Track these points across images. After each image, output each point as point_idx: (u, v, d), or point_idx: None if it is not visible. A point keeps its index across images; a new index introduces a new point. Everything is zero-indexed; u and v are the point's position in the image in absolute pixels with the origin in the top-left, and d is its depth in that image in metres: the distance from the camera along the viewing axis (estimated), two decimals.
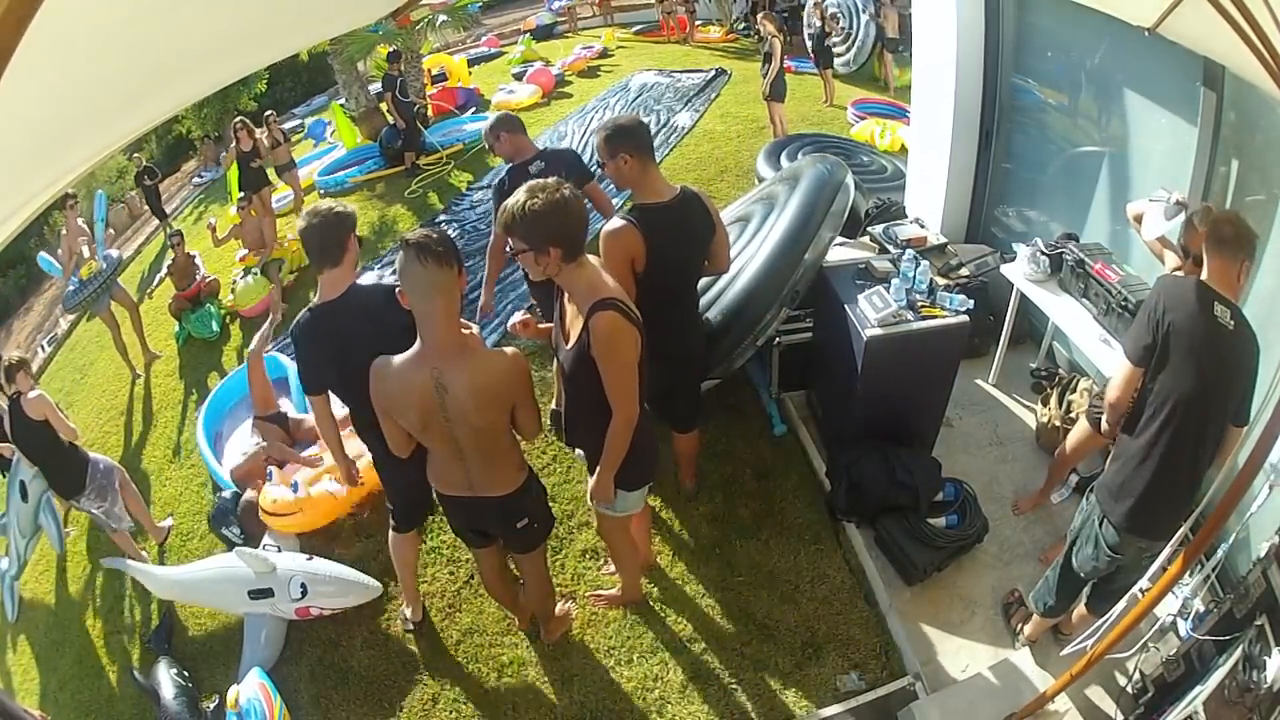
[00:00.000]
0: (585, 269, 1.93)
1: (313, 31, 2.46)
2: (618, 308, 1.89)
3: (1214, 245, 1.97)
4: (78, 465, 3.71)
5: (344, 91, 9.37)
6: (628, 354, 1.94)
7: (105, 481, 3.76)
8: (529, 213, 1.79)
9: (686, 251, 2.50)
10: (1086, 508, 2.25)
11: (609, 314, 1.87)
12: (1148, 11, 2.21)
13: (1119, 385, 2.17)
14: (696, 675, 2.75)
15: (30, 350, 8.70)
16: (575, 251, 1.89)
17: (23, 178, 1.36)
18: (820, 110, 8.39)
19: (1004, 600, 2.80)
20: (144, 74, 1.39)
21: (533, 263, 1.87)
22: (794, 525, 3.26)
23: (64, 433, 3.62)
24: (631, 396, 1.98)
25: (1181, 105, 2.90)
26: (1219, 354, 1.94)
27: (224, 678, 3.07)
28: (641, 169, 2.39)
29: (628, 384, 1.98)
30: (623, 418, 2.00)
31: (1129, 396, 2.16)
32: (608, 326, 1.88)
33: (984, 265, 3.86)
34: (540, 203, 1.79)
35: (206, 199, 10.61)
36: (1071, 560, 2.31)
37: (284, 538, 3.49)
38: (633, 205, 2.41)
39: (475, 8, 11.04)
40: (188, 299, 6.07)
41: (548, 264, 1.86)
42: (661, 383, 2.72)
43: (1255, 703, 1.69)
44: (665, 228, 2.37)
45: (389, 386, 1.94)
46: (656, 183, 2.43)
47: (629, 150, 2.35)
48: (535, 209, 1.79)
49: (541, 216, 1.79)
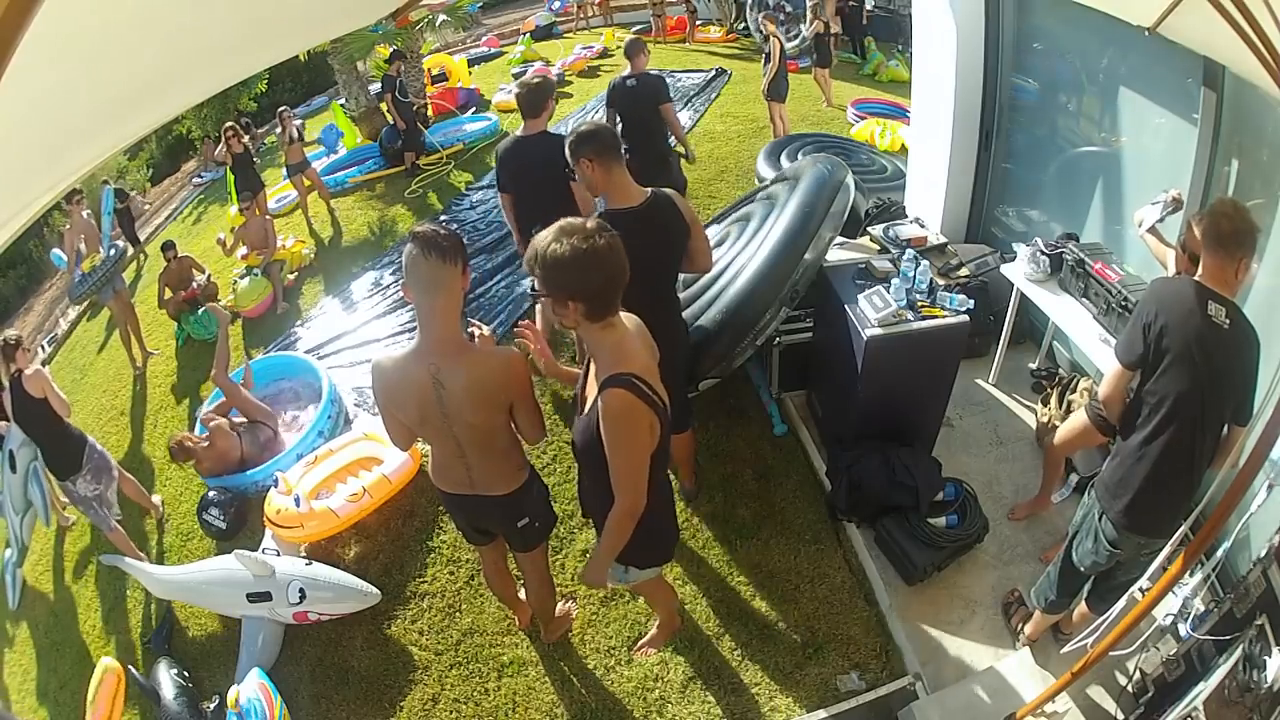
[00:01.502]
0: (612, 332, 1.70)
1: (313, 32, 2.46)
2: (634, 386, 1.65)
3: (1211, 241, 1.94)
4: (75, 445, 3.75)
5: (344, 91, 9.36)
6: (638, 439, 1.71)
7: (102, 463, 3.83)
8: (550, 258, 1.56)
9: (656, 256, 2.46)
10: (1087, 503, 2.26)
11: (621, 393, 1.64)
12: (1148, 11, 2.21)
13: (1109, 384, 2.21)
14: (696, 675, 2.75)
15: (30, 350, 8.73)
16: (602, 309, 1.65)
17: (24, 180, 1.36)
18: (820, 110, 8.38)
19: (1004, 600, 2.80)
20: (145, 76, 1.39)
21: (553, 312, 1.66)
22: (794, 525, 3.26)
23: (61, 410, 3.66)
24: (637, 485, 1.76)
25: (1181, 105, 2.90)
26: (1213, 353, 1.93)
27: (224, 678, 3.08)
28: (605, 173, 2.38)
29: (634, 471, 1.76)
30: (624, 506, 1.79)
31: (1120, 396, 2.19)
32: (618, 407, 1.66)
33: (984, 265, 3.86)
34: (566, 250, 1.54)
35: (206, 199, 10.59)
36: (1072, 555, 2.32)
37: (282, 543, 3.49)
38: (602, 210, 2.42)
39: (475, 8, 11.04)
40: (187, 300, 6.06)
41: (566, 316, 1.65)
42: None
43: (1255, 703, 1.69)
44: (627, 233, 2.34)
45: (389, 381, 1.94)
46: (624, 187, 2.42)
47: (589, 155, 2.36)
48: (558, 256, 1.55)
49: (565, 265, 1.56)
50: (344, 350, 5.21)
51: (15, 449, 3.98)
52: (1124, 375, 2.14)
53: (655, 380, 1.74)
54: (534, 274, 1.62)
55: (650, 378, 1.72)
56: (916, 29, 4.31)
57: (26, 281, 13.46)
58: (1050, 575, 2.45)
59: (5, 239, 1.43)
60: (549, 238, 1.59)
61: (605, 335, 1.70)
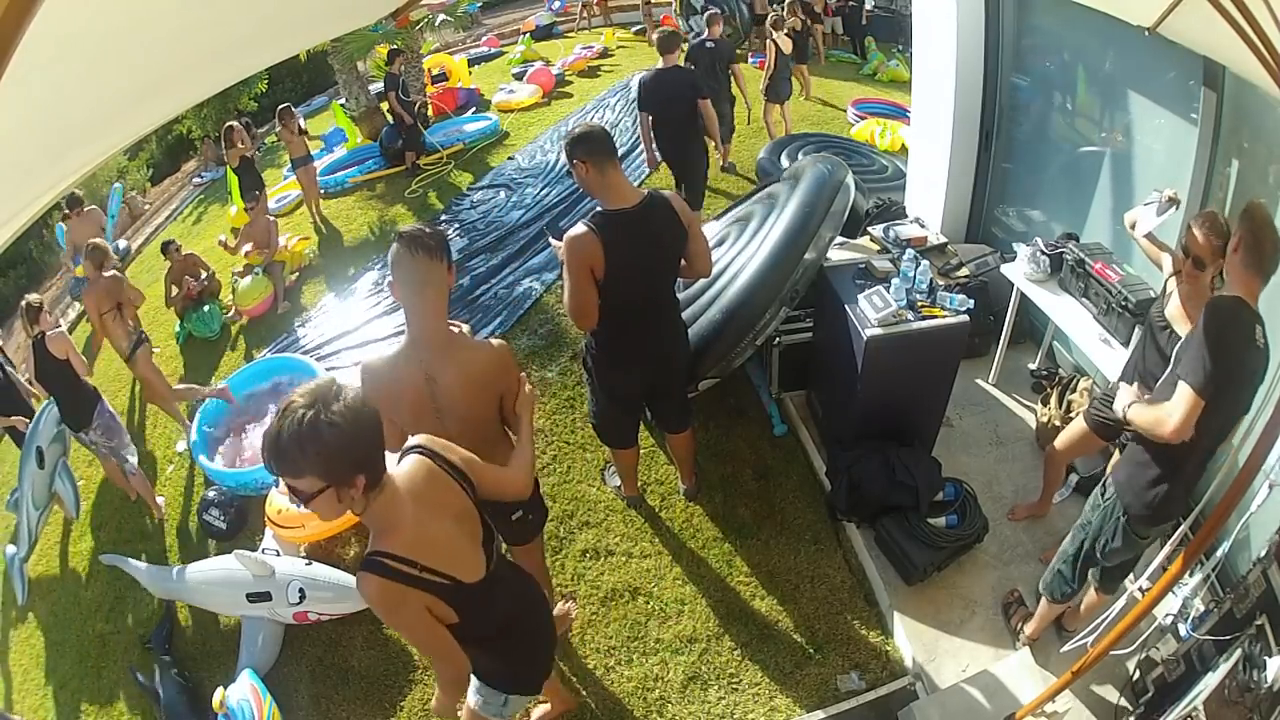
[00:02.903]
0: (379, 497, 1.40)
1: (313, 31, 2.46)
2: (387, 568, 1.38)
3: (1252, 262, 1.78)
4: (89, 401, 4.02)
5: (344, 91, 9.35)
6: (408, 620, 1.46)
7: (112, 423, 4.11)
8: (321, 443, 1.25)
9: (649, 258, 2.45)
10: (1105, 504, 2.19)
11: (370, 578, 1.38)
12: (1148, 11, 2.21)
13: (1186, 419, 1.81)
14: (696, 675, 2.75)
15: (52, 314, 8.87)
16: (379, 475, 1.39)
17: (24, 180, 1.36)
18: (820, 110, 8.39)
19: (1004, 600, 2.80)
20: (145, 76, 1.39)
21: (336, 503, 1.34)
22: (794, 525, 3.26)
23: (80, 369, 3.93)
24: (444, 657, 1.55)
25: (1181, 105, 2.90)
26: (1256, 376, 1.89)
27: (224, 678, 3.07)
28: (599, 174, 2.38)
29: (430, 648, 1.59)
30: (445, 678, 1.67)
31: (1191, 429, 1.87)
32: (369, 594, 1.40)
33: (984, 265, 3.86)
34: (334, 425, 1.25)
35: (207, 199, 10.58)
36: (1095, 554, 2.25)
37: (284, 542, 3.49)
38: (595, 212, 2.43)
39: (475, 8, 11.03)
40: (190, 298, 6.06)
41: (357, 499, 1.35)
42: (641, 386, 2.80)
43: (1255, 703, 1.70)
44: (624, 235, 2.36)
45: (381, 381, 1.94)
46: (619, 188, 2.40)
47: (582, 156, 2.36)
48: (326, 438, 1.25)
49: (341, 442, 1.27)
50: (344, 350, 5.21)
51: (45, 445, 4.05)
52: (1200, 407, 1.83)
53: (431, 548, 1.45)
54: (300, 475, 1.27)
55: (422, 549, 1.43)
56: (916, 29, 4.31)
57: (27, 281, 13.43)
58: (1064, 574, 2.38)
59: (6, 238, 1.43)
60: (292, 423, 1.24)
61: (374, 503, 1.40)
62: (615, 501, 3.50)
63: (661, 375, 2.80)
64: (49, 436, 4.09)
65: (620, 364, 2.70)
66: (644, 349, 2.66)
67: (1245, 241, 1.80)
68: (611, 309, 2.48)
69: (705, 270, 2.63)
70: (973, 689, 2.49)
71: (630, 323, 2.57)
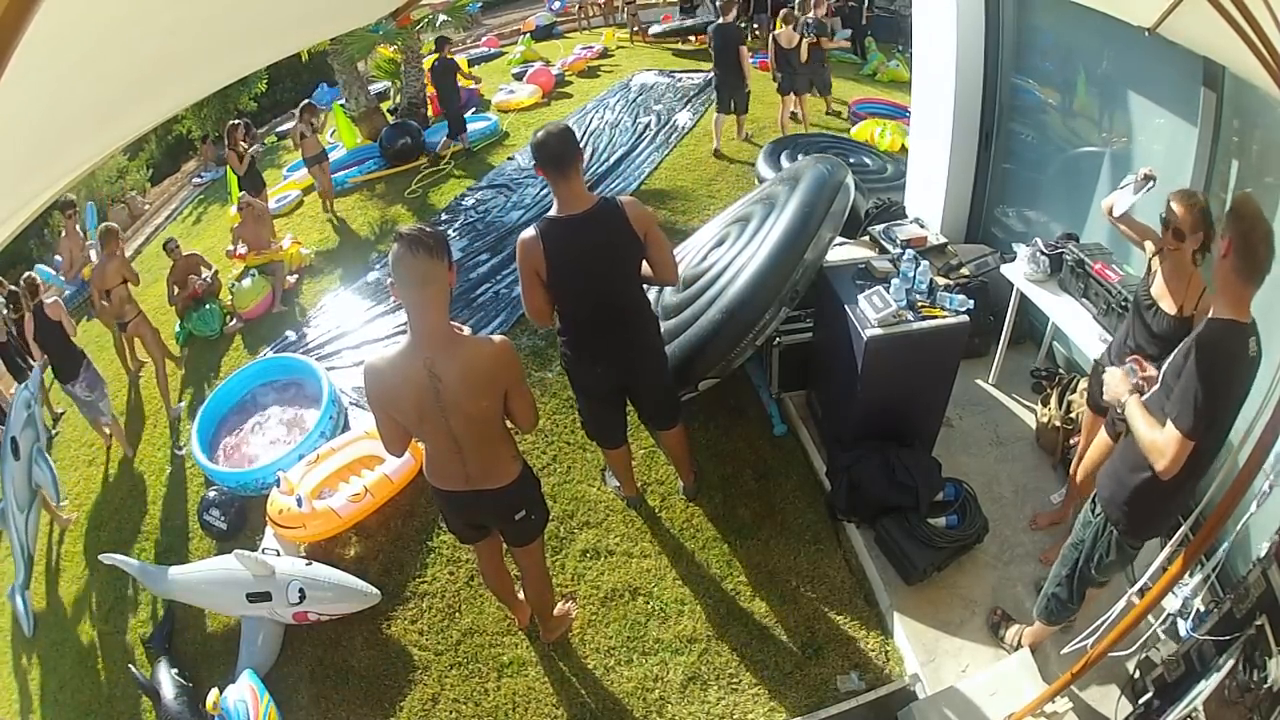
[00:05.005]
0: None
1: (313, 31, 2.47)
2: None
3: (1244, 266, 1.68)
4: (77, 359, 4.78)
5: (344, 91, 9.35)
6: None
7: (95, 379, 4.86)
8: None
9: (597, 261, 2.47)
10: (1094, 521, 2.17)
11: None
12: (1148, 11, 2.21)
13: (1175, 461, 1.75)
14: (696, 675, 2.75)
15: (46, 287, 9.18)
16: None
17: (23, 178, 1.36)
18: (820, 110, 8.39)
19: (989, 620, 2.73)
20: (144, 74, 1.39)
21: None
22: (794, 525, 3.26)
23: (70, 330, 4.73)
24: None
25: (1181, 105, 2.90)
26: (1248, 384, 1.85)
27: (224, 678, 3.07)
28: (554, 179, 2.41)
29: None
30: None
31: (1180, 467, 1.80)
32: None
33: (984, 265, 3.86)
34: None
35: (207, 199, 10.57)
36: (1090, 571, 2.23)
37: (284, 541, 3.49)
38: (544, 215, 2.49)
39: (475, 8, 11.03)
40: (195, 295, 6.06)
41: None
42: (609, 384, 2.84)
43: (1255, 703, 1.69)
44: (564, 241, 2.42)
45: (384, 379, 1.95)
46: (572, 194, 2.43)
47: (540, 163, 2.41)
48: None
49: None
50: (344, 350, 5.21)
51: (18, 434, 4.06)
52: (1189, 448, 1.74)
53: None
54: None
55: None
56: (916, 29, 4.31)
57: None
58: (1060, 595, 2.34)
59: (5, 236, 1.43)
60: None
61: None
62: (615, 501, 3.50)
63: (628, 375, 2.82)
64: (20, 423, 4.11)
65: (584, 362, 2.76)
66: (604, 349, 2.70)
67: (1235, 245, 1.68)
68: (568, 310, 2.60)
69: (670, 279, 2.65)
70: (972, 689, 2.49)
71: (587, 323, 2.65)
